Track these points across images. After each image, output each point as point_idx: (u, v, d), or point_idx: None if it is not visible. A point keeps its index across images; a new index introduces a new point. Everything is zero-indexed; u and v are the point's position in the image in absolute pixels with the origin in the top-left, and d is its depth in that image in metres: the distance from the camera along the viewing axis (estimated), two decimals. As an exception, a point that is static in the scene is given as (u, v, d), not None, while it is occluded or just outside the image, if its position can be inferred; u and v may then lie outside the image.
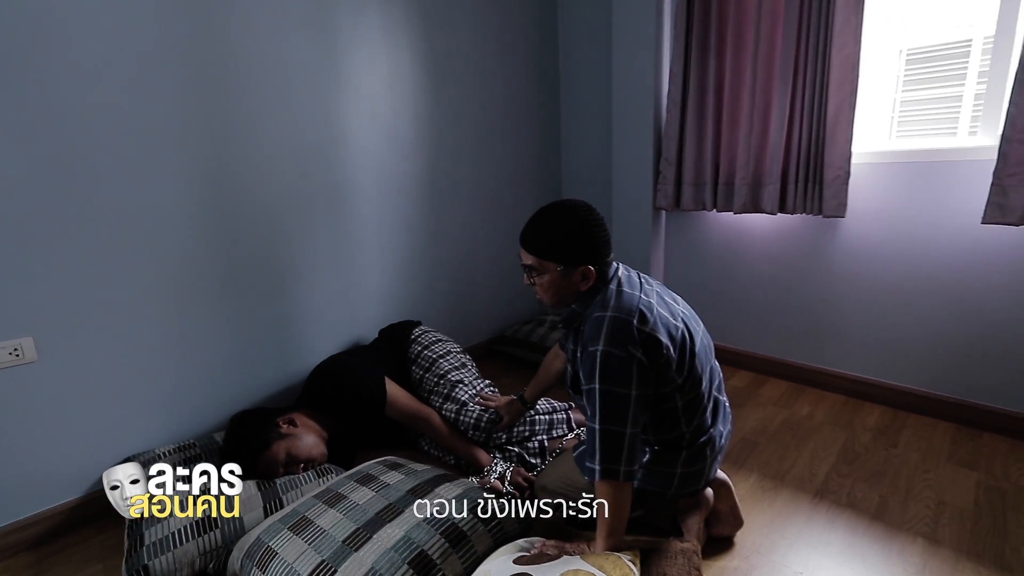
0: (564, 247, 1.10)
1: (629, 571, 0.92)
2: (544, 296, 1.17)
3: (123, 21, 1.37)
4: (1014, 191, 1.45)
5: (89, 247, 1.38)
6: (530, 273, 1.16)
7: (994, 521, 1.32)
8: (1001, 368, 1.67)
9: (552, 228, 1.11)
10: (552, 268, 1.11)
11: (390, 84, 1.98)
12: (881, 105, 1.90)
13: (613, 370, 1.01)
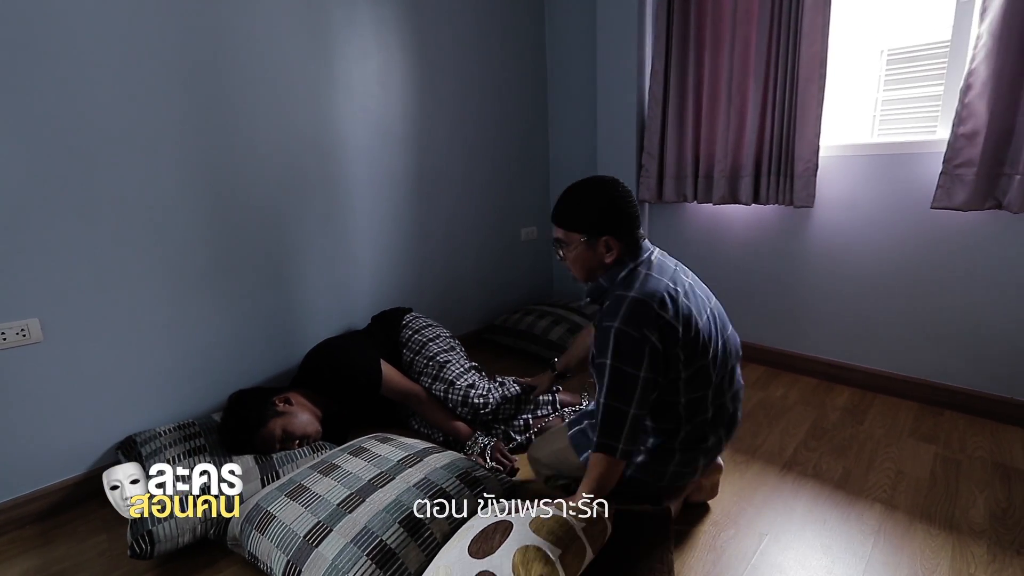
0: (586, 218, 1.14)
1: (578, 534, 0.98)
2: (573, 270, 1.21)
3: (124, 21, 1.43)
4: (959, 180, 1.56)
5: (93, 235, 1.44)
6: (559, 247, 1.21)
7: (947, 488, 1.42)
8: (960, 348, 1.77)
9: (576, 200, 1.16)
10: (576, 240, 1.15)
11: (381, 81, 2.06)
12: (864, 104, 1.97)
13: (626, 349, 1.04)
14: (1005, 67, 1.49)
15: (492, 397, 1.67)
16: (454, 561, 0.96)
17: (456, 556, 0.97)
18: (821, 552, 1.22)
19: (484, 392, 1.68)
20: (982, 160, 1.54)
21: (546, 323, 2.37)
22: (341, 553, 1.05)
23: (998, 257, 1.65)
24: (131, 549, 1.18)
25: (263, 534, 1.16)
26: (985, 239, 1.66)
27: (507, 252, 2.72)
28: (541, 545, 0.88)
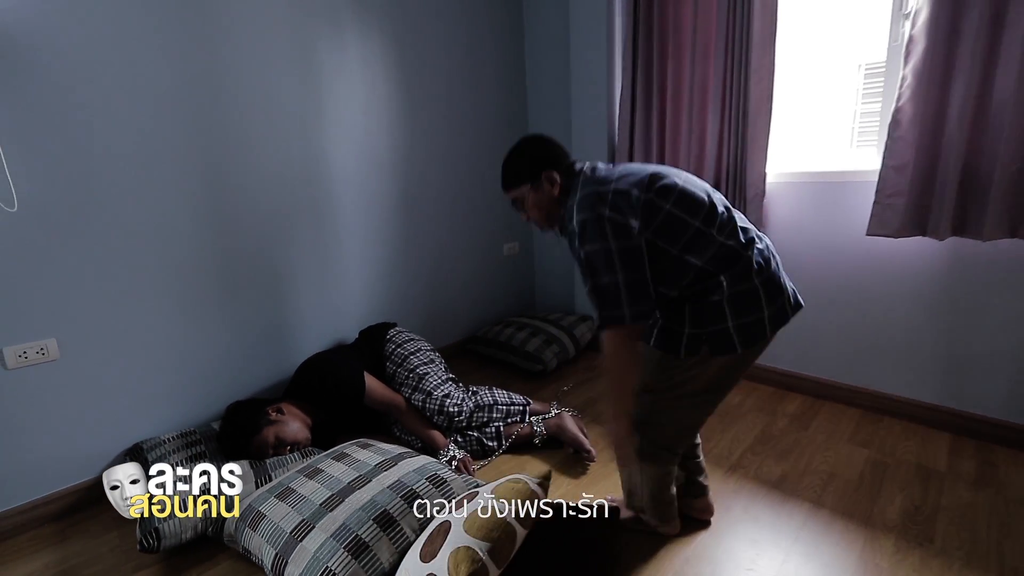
0: (520, 167, 1.26)
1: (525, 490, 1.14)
2: (537, 219, 1.30)
3: (134, 62, 1.60)
4: (891, 209, 1.72)
5: (105, 259, 1.61)
6: (517, 207, 1.31)
7: (871, 489, 1.58)
8: (898, 360, 1.93)
9: (507, 163, 1.28)
10: (525, 190, 1.25)
11: (367, 112, 2.22)
12: (843, 116, 2.09)
13: (588, 232, 1.10)
14: (928, 106, 1.64)
15: (465, 406, 1.84)
16: (411, 565, 1.12)
17: (411, 560, 1.13)
18: (749, 545, 1.38)
19: (458, 402, 1.84)
20: (910, 191, 1.70)
21: (524, 335, 2.54)
22: (322, 546, 1.21)
23: (928, 279, 1.81)
24: (140, 544, 1.35)
25: (255, 531, 1.32)
26: (916, 262, 1.82)
27: (490, 267, 2.88)
28: (471, 544, 1.04)
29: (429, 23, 2.38)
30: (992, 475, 1.61)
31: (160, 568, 1.40)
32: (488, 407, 1.88)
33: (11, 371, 1.50)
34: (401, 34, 2.28)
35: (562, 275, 2.96)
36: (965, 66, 1.55)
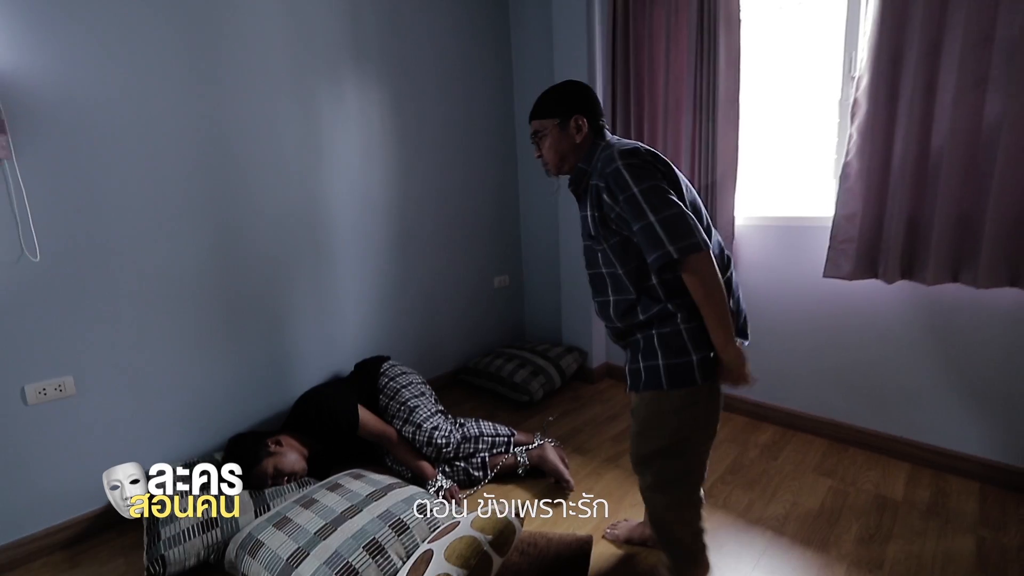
0: (555, 102, 1.24)
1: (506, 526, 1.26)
2: (549, 158, 1.27)
3: (149, 119, 1.76)
4: (844, 254, 1.86)
5: (119, 302, 1.75)
6: (535, 140, 1.28)
7: (830, 518, 1.69)
8: (860, 392, 2.05)
9: (547, 94, 1.27)
10: (550, 125, 1.24)
11: (363, 156, 2.39)
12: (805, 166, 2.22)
13: (639, 171, 1.09)
14: (873, 161, 1.80)
15: (453, 438, 1.95)
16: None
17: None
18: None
19: (446, 433, 1.95)
20: (860, 238, 1.85)
21: (512, 366, 2.66)
22: (315, 572, 1.32)
23: (882, 317, 1.94)
24: (147, 571, 1.45)
25: (254, 558, 1.43)
26: (869, 303, 1.96)
27: (481, 299, 3.02)
28: (450, 571, 1.15)
29: (424, 73, 2.56)
30: (944, 504, 1.72)
31: (165, 593, 1.50)
32: (474, 438, 1.99)
33: (31, 407, 1.63)
34: (397, 85, 2.47)
35: (551, 306, 3.10)
36: (903, 126, 1.72)
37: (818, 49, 2.04)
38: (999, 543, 1.53)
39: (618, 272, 1.19)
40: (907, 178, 1.73)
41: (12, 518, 1.63)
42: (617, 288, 1.21)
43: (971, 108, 1.60)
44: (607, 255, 1.20)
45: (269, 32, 2.02)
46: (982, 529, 1.59)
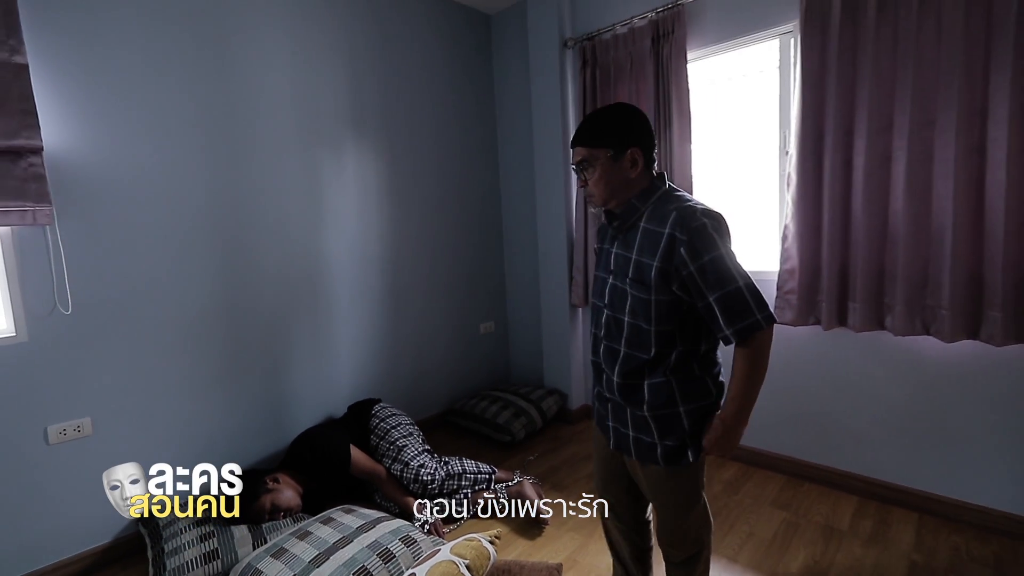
0: (611, 131, 1.13)
1: (485, 552, 1.42)
2: (597, 191, 1.17)
3: (170, 187, 2.01)
4: (787, 303, 2.10)
5: (134, 350, 1.94)
6: (582, 169, 1.17)
7: (780, 546, 1.85)
8: (811, 430, 2.24)
9: (599, 118, 1.15)
10: (603, 155, 1.13)
11: (359, 214, 2.64)
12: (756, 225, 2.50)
13: (724, 234, 1.08)
14: (806, 224, 2.07)
15: (438, 475, 2.11)
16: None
17: None
18: (670, 596, 1.63)
19: (432, 471, 2.11)
20: (800, 290, 2.10)
21: (496, 408, 2.83)
22: (309, 597, 1.47)
23: (825, 360, 2.17)
24: (153, 598, 1.58)
25: (253, 585, 1.57)
26: (811, 348, 2.18)
27: (468, 345, 3.22)
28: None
29: (416, 142, 2.86)
30: (884, 533, 1.89)
31: (167, 622, 1.62)
32: (458, 476, 2.15)
33: (52, 446, 1.79)
34: (391, 152, 2.75)
35: (534, 351, 3.30)
36: (828, 196, 1.99)
37: (760, 124, 2.35)
38: (928, 566, 1.70)
39: (649, 329, 1.13)
40: (835, 239, 2.00)
41: (29, 551, 1.76)
42: (634, 342, 1.15)
43: (879, 180, 1.89)
44: (647, 308, 1.12)
45: (279, 107, 2.30)
46: (915, 554, 1.76)
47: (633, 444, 1.21)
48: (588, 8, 2.75)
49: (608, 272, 1.22)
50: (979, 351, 1.80)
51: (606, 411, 1.27)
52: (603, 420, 1.29)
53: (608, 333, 1.21)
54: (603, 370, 1.24)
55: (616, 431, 1.25)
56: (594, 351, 1.28)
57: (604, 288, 1.22)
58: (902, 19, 1.79)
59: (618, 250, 1.19)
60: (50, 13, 1.73)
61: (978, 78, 1.68)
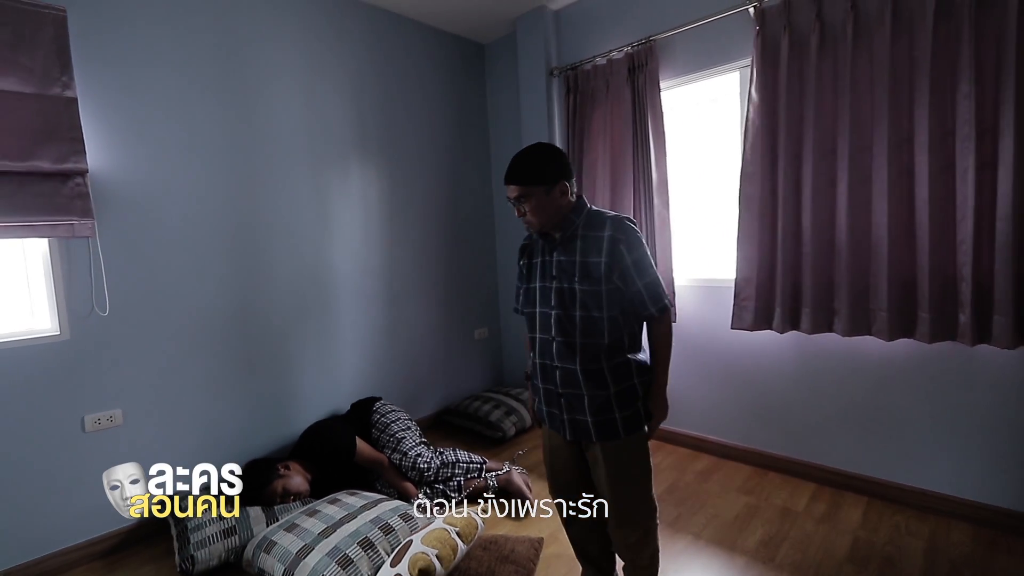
0: (543, 170, 1.33)
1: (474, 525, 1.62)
2: (534, 219, 1.36)
3: (197, 201, 2.25)
4: (745, 309, 2.33)
5: (160, 348, 2.16)
6: (519, 203, 1.35)
7: (741, 525, 2.05)
8: (774, 424, 2.46)
9: (529, 160, 1.34)
10: (537, 191, 1.32)
11: (362, 227, 2.88)
12: (719, 238, 2.76)
13: (637, 241, 1.32)
14: (762, 236, 2.30)
15: (433, 463, 2.32)
16: (384, 572, 1.59)
17: (384, 570, 1.60)
18: (638, 565, 1.83)
19: (428, 460, 2.32)
20: (757, 297, 2.32)
21: (488, 407, 3.05)
22: (319, 562, 1.67)
23: (784, 361, 2.39)
24: (179, 567, 1.79)
25: (268, 554, 1.77)
26: (770, 349, 2.41)
27: (462, 349, 3.44)
28: (426, 551, 1.52)
29: (414, 161, 3.11)
30: (835, 513, 2.10)
31: (191, 589, 1.82)
32: (452, 464, 2.36)
33: (88, 434, 2.00)
34: (392, 170, 3.00)
35: (523, 355, 3.51)
36: (781, 214, 2.23)
37: (724, 145, 2.60)
38: (869, 540, 1.91)
39: (601, 316, 1.32)
40: (787, 252, 2.23)
41: (62, 530, 1.96)
42: (589, 331, 1.34)
43: (826, 200, 2.13)
44: (598, 298, 1.32)
45: (291, 132, 2.55)
46: (860, 531, 1.97)
47: (594, 427, 1.37)
48: (571, 41, 3.03)
49: (550, 279, 1.39)
50: (913, 349, 2.03)
51: (559, 408, 1.42)
52: (556, 419, 1.44)
53: (561, 330, 1.36)
54: (555, 368, 1.39)
55: (573, 423, 1.40)
56: (542, 354, 1.42)
57: (548, 294, 1.39)
58: (840, 56, 2.05)
59: (560, 257, 1.37)
60: (95, 52, 1.98)
61: (904, 109, 1.93)
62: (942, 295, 1.91)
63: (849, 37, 2.01)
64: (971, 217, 1.80)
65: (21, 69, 1.79)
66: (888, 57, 1.92)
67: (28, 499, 1.89)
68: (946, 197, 1.87)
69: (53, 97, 1.84)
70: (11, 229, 1.79)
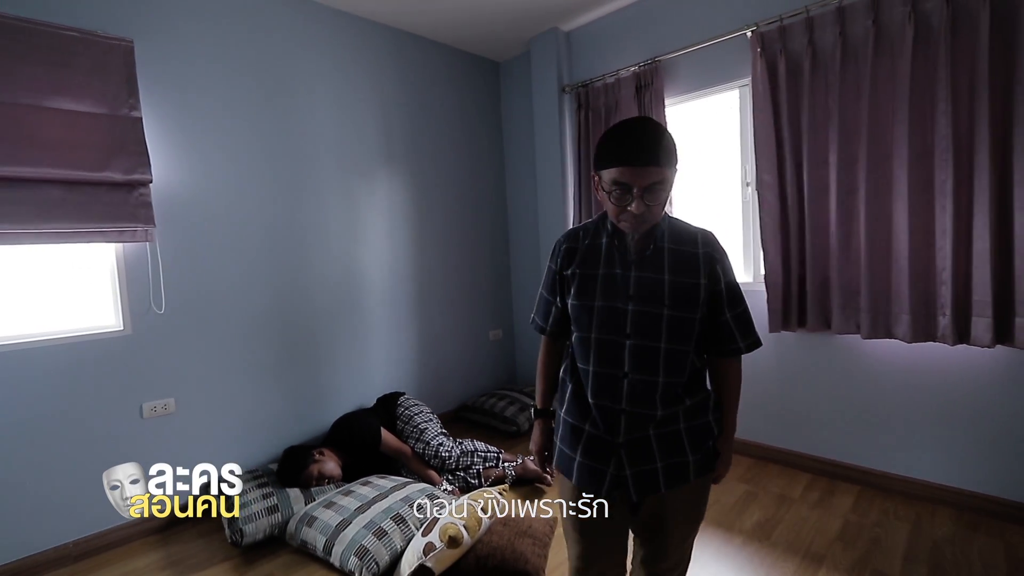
0: (673, 149, 1.03)
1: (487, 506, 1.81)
2: (657, 213, 1.05)
3: (244, 210, 2.47)
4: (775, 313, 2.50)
5: (210, 343, 2.38)
6: (648, 192, 1.00)
7: (739, 509, 2.21)
8: (776, 419, 2.62)
9: (662, 136, 1.01)
10: (672, 176, 1.04)
11: (389, 234, 3.09)
12: None
13: (730, 263, 1.13)
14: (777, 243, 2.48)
15: (454, 453, 2.51)
16: (415, 543, 1.78)
17: (415, 540, 1.79)
18: (645, 543, 2.01)
19: (449, 449, 2.51)
20: (782, 300, 2.49)
21: (503, 404, 3.23)
22: (357, 533, 1.86)
23: (788, 361, 2.56)
24: (230, 539, 1.99)
25: (311, 527, 1.97)
26: (767, 349, 2.58)
27: (479, 350, 3.64)
28: (454, 521, 1.71)
29: (437, 172, 3.33)
30: (828, 500, 2.26)
31: (240, 560, 2.02)
32: (471, 453, 2.55)
33: (144, 420, 2.21)
34: (416, 181, 3.22)
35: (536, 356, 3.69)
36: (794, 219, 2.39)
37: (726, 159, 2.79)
38: (859, 523, 2.06)
39: (688, 350, 1.08)
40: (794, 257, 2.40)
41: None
42: (673, 368, 1.07)
43: (821, 209, 2.31)
44: (691, 328, 1.08)
45: (325, 146, 2.78)
46: (851, 515, 2.13)
47: (663, 475, 1.08)
48: (582, 61, 3.24)
49: (625, 298, 1.08)
50: (900, 348, 2.19)
51: (617, 463, 1.08)
52: (601, 476, 1.09)
53: (639, 365, 1.06)
54: (621, 412, 1.07)
55: (639, 476, 1.08)
56: (599, 392, 1.10)
57: (621, 318, 1.08)
58: (830, 77, 2.23)
59: (641, 273, 1.08)
60: (157, 77, 2.21)
61: (888, 125, 2.11)
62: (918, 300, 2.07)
63: (838, 60, 2.19)
64: (950, 227, 1.97)
65: (96, 92, 2.02)
66: (869, 78, 2.11)
67: (93, 477, 2.09)
68: (926, 211, 2.04)
69: (122, 117, 2.07)
70: (85, 235, 2.02)
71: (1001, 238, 1.91)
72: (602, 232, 1.15)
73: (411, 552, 1.77)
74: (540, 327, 1.30)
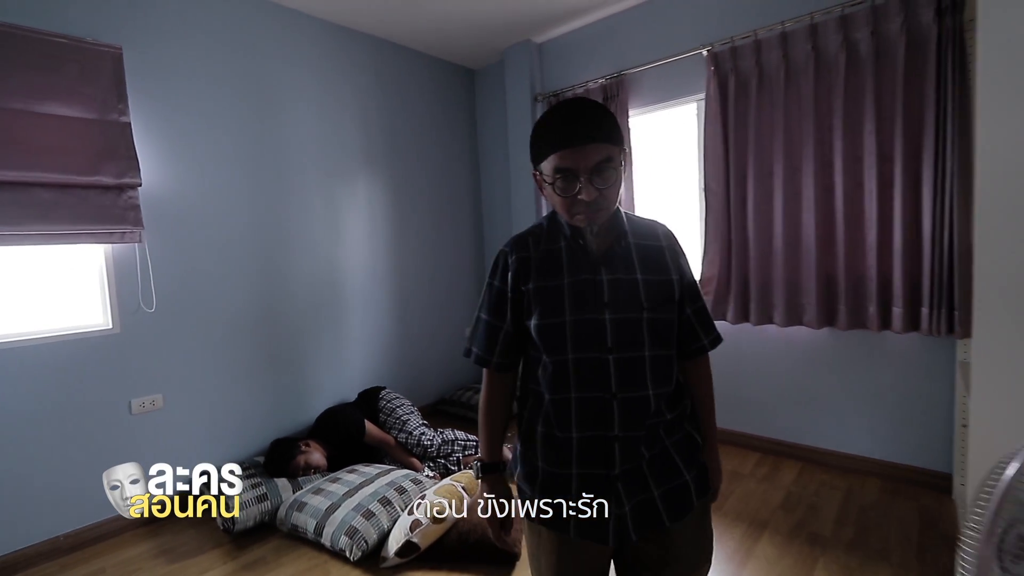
0: (616, 124, 0.89)
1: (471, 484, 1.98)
2: (608, 200, 0.89)
3: (229, 211, 2.55)
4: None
5: (197, 341, 2.46)
6: (595, 175, 0.86)
7: (737, 499, 2.42)
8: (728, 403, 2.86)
9: (599, 110, 0.88)
10: (620, 154, 0.89)
11: (370, 235, 3.21)
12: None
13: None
14: (721, 243, 2.72)
15: (435, 441, 2.66)
16: (401, 521, 1.93)
17: (401, 519, 1.95)
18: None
19: (430, 438, 2.66)
20: (715, 294, 2.74)
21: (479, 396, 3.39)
22: (346, 515, 2.00)
23: (738, 347, 2.81)
24: (222, 526, 2.09)
25: (301, 512, 2.09)
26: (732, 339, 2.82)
27: (456, 346, 3.78)
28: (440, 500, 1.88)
29: (415, 175, 3.46)
30: (774, 475, 2.51)
31: (231, 546, 2.12)
32: (451, 441, 2.70)
33: (134, 416, 2.28)
34: (395, 183, 3.35)
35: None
36: (735, 221, 2.65)
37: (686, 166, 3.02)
38: (799, 494, 2.32)
39: (671, 355, 0.97)
40: (739, 256, 2.65)
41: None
42: (660, 377, 0.94)
43: (765, 213, 2.56)
44: (670, 331, 0.97)
45: (306, 149, 2.88)
46: (792, 487, 2.38)
47: (663, 503, 0.93)
48: (553, 71, 3.42)
49: (599, 307, 0.92)
50: (834, 336, 2.46)
51: (615, 499, 0.92)
52: (619, 521, 0.92)
53: (626, 382, 0.92)
54: (615, 440, 0.91)
55: (637, 508, 0.92)
56: (583, 423, 0.93)
57: (599, 329, 0.92)
58: (775, 94, 2.48)
59: (612, 275, 0.94)
60: (145, 83, 2.28)
61: (826, 138, 2.37)
62: (855, 292, 2.34)
63: (782, 80, 2.44)
64: (875, 227, 2.25)
65: (85, 98, 2.09)
66: (811, 96, 2.36)
67: (84, 471, 2.17)
68: (857, 210, 2.31)
69: (112, 122, 2.14)
70: (76, 236, 2.08)
71: (913, 232, 2.19)
72: (558, 235, 0.98)
73: (398, 529, 1.92)
74: (482, 358, 1.04)
